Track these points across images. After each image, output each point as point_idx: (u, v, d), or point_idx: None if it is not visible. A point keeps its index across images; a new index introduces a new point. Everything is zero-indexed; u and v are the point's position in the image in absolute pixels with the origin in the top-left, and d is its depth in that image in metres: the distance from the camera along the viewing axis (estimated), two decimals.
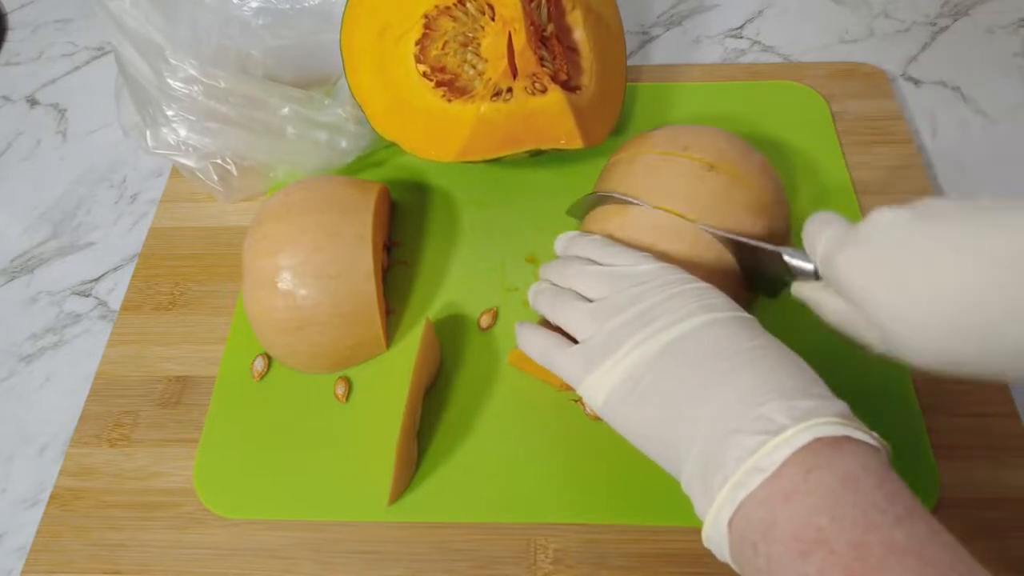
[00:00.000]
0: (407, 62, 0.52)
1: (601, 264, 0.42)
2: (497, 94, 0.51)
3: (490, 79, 0.51)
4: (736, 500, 0.30)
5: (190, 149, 0.55)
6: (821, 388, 0.33)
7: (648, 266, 0.40)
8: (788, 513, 0.29)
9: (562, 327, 0.41)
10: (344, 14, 0.52)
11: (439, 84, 0.52)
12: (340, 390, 0.49)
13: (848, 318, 0.37)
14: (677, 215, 0.46)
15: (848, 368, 0.49)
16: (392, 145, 0.58)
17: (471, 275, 0.55)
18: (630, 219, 0.47)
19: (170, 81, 0.51)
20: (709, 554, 0.33)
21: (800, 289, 0.40)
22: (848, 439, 0.30)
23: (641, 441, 0.36)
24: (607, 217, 0.48)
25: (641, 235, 0.46)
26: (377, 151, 0.61)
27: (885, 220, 0.34)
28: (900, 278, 0.32)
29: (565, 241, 0.46)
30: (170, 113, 0.53)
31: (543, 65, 0.51)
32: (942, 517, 0.43)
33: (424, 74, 0.52)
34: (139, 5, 0.51)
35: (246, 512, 0.46)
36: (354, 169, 0.60)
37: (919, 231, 0.32)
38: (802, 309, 0.40)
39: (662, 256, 0.43)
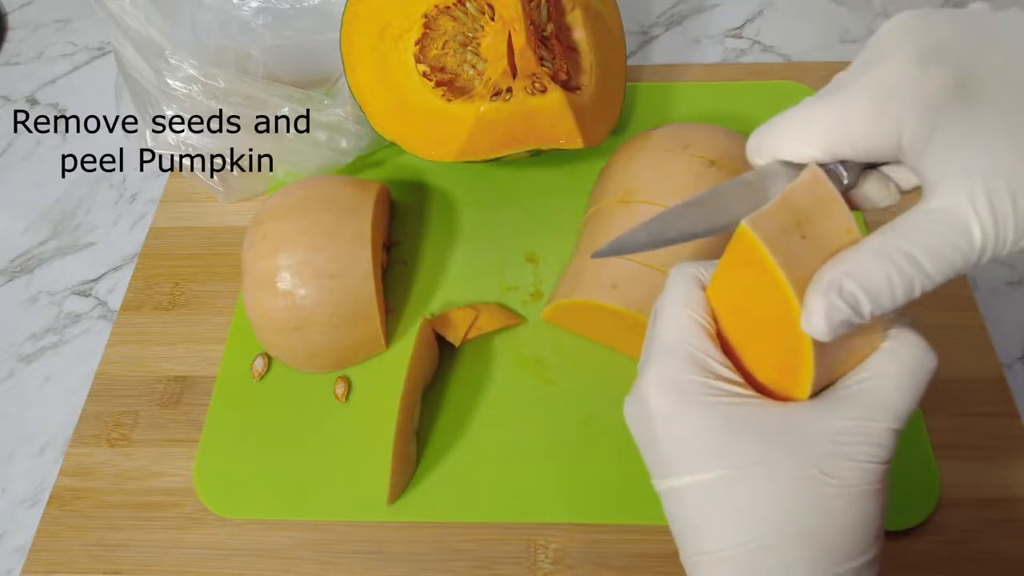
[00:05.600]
0: (407, 62, 0.52)
1: None
2: (497, 94, 0.51)
3: (490, 79, 0.51)
4: None
5: (190, 149, 0.55)
6: None
7: None
8: None
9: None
10: (344, 14, 0.52)
11: (439, 84, 0.52)
12: (340, 390, 0.49)
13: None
14: None
15: None
16: (392, 145, 0.58)
17: (470, 274, 0.55)
18: (634, 216, 0.47)
19: (170, 81, 0.51)
20: None
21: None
22: None
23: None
24: (611, 213, 0.48)
25: None
26: (377, 151, 0.61)
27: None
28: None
29: None
30: (170, 113, 0.53)
31: (543, 65, 0.51)
32: (942, 517, 0.44)
33: (424, 74, 0.52)
34: (139, 5, 0.50)
35: (246, 512, 0.46)
36: (354, 169, 0.60)
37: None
38: None
39: (667, 251, 0.43)
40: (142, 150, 0.54)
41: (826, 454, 0.26)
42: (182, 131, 0.53)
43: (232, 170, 0.57)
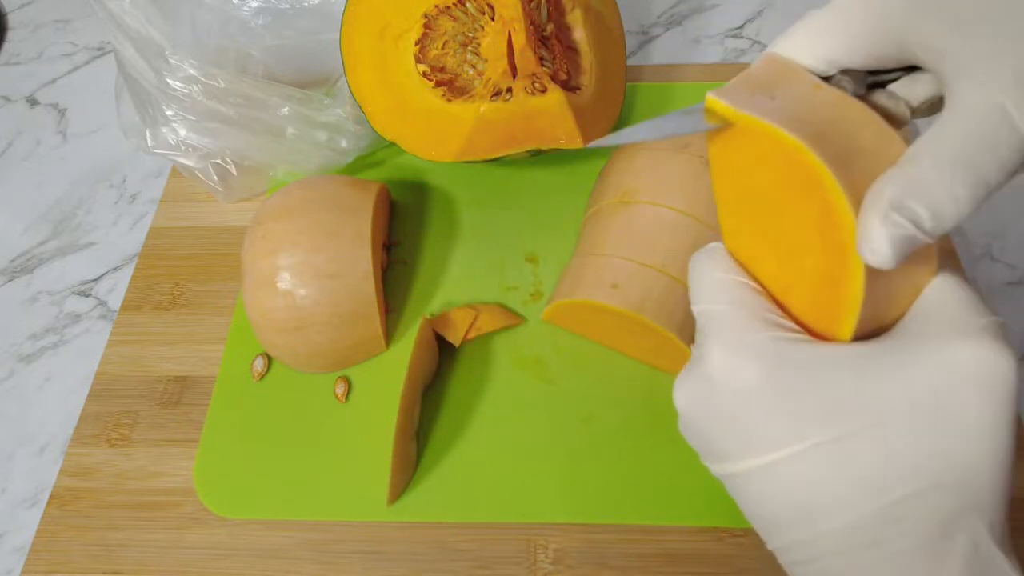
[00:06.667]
0: (407, 62, 0.52)
1: None
2: (497, 94, 0.51)
3: (490, 79, 0.51)
4: None
5: (190, 149, 0.55)
6: None
7: None
8: None
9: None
10: (344, 14, 0.52)
11: (439, 84, 0.52)
12: (340, 390, 0.49)
13: None
14: (679, 212, 0.46)
15: None
16: (392, 145, 0.58)
17: (470, 274, 0.55)
18: (634, 216, 0.47)
19: (170, 81, 0.51)
20: (709, 554, 0.33)
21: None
22: None
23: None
24: (611, 213, 0.48)
25: (645, 232, 0.46)
26: (377, 151, 0.61)
27: None
28: None
29: None
30: (170, 113, 0.53)
31: (543, 65, 0.51)
32: None
33: (424, 74, 0.52)
34: (139, 5, 0.50)
35: (246, 512, 0.46)
36: (354, 169, 0.60)
37: None
38: None
39: (667, 251, 0.43)
40: (142, 150, 0.55)
41: (941, 388, 0.24)
42: (182, 131, 0.53)
43: (232, 170, 0.57)
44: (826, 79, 0.26)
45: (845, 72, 0.26)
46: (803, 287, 0.27)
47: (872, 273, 0.24)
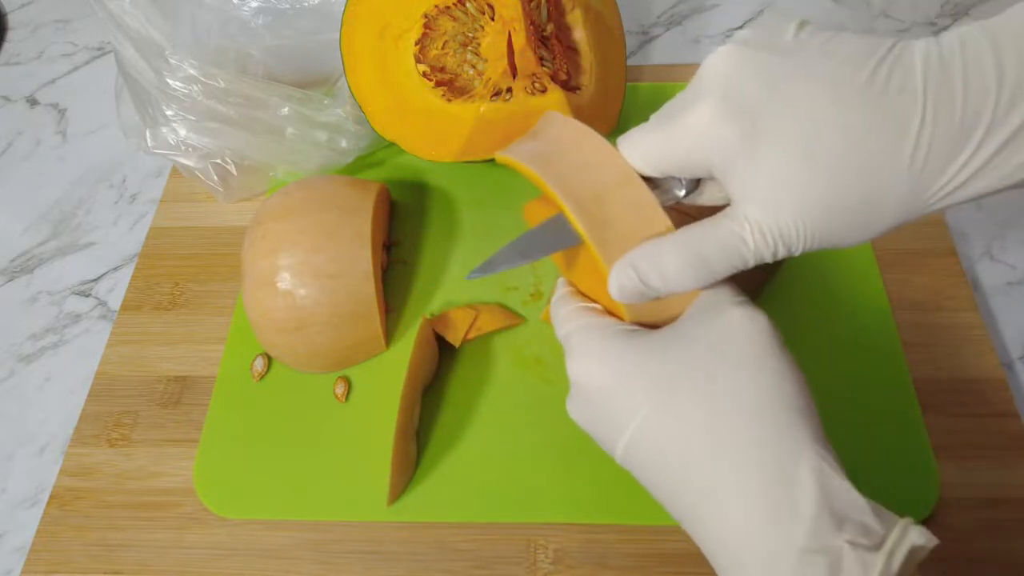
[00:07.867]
0: (407, 62, 0.52)
1: None
2: (497, 94, 0.51)
3: (490, 79, 0.51)
4: None
5: (190, 149, 0.55)
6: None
7: None
8: None
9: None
10: (344, 14, 0.52)
11: (439, 84, 0.52)
12: (340, 390, 0.49)
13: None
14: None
15: (847, 368, 0.49)
16: (392, 145, 0.58)
17: None
18: None
19: (170, 81, 0.51)
20: None
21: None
22: None
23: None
24: None
25: None
26: (377, 151, 0.61)
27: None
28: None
29: None
30: (170, 113, 0.53)
31: (543, 65, 0.51)
32: (942, 517, 0.44)
33: (424, 74, 0.52)
34: (139, 5, 0.50)
35: (246, 512, 0.46)
36: (354, 169, 0.60)
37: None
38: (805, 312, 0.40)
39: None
40: (142, 150, 0.55)
41: (718, 342, 0.30)
42: (182, 131, 0.53)
43: (232, 170, 0.57)
44: (652, 179, 0.33)
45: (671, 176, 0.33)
46: (603, 291, 0.33)
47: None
